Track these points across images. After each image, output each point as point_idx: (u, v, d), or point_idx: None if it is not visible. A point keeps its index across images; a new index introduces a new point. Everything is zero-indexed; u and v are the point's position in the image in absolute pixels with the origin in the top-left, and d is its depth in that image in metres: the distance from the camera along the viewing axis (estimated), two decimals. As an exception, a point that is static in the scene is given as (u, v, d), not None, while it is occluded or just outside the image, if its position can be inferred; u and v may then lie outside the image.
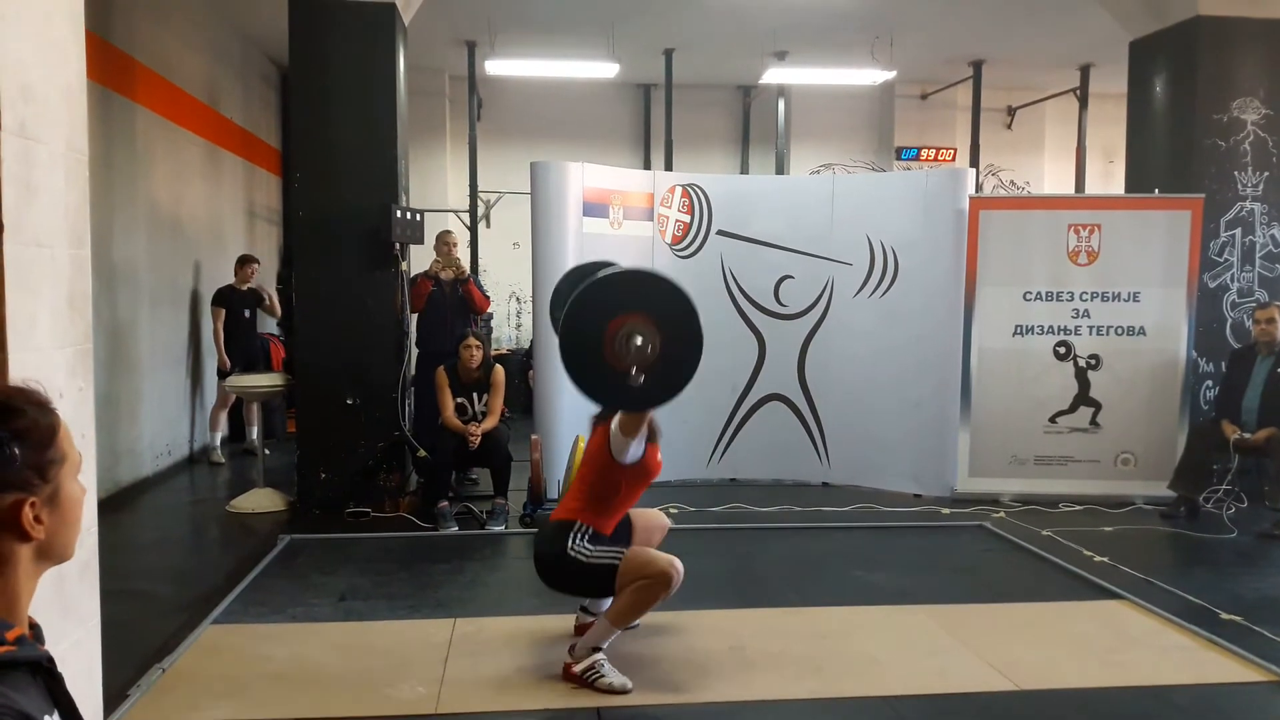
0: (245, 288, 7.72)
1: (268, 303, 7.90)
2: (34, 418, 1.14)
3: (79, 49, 2.39)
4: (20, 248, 2.09)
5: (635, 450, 3.48)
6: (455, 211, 10.30)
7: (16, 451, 1.10)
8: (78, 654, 2.35)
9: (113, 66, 6.38)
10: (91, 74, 2.46)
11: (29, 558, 1.15)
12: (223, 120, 8.63)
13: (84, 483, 1.24)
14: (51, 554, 1.18)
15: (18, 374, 2.00)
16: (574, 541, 3.47)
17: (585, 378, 3.32)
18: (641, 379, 3.22)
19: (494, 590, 4.65)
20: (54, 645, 1.26)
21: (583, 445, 4.31)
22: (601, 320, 3.25)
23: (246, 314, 7.72)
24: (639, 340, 3.20)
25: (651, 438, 3.58)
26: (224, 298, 7.64)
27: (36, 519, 1.13)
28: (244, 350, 7.65)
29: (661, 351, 3.23)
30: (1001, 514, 6.06)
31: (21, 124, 2.09)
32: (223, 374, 7.54)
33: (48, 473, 1.14)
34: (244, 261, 7.75)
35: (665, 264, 6.75)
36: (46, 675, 1.12)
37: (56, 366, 2.25)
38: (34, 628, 1.20)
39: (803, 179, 9.45)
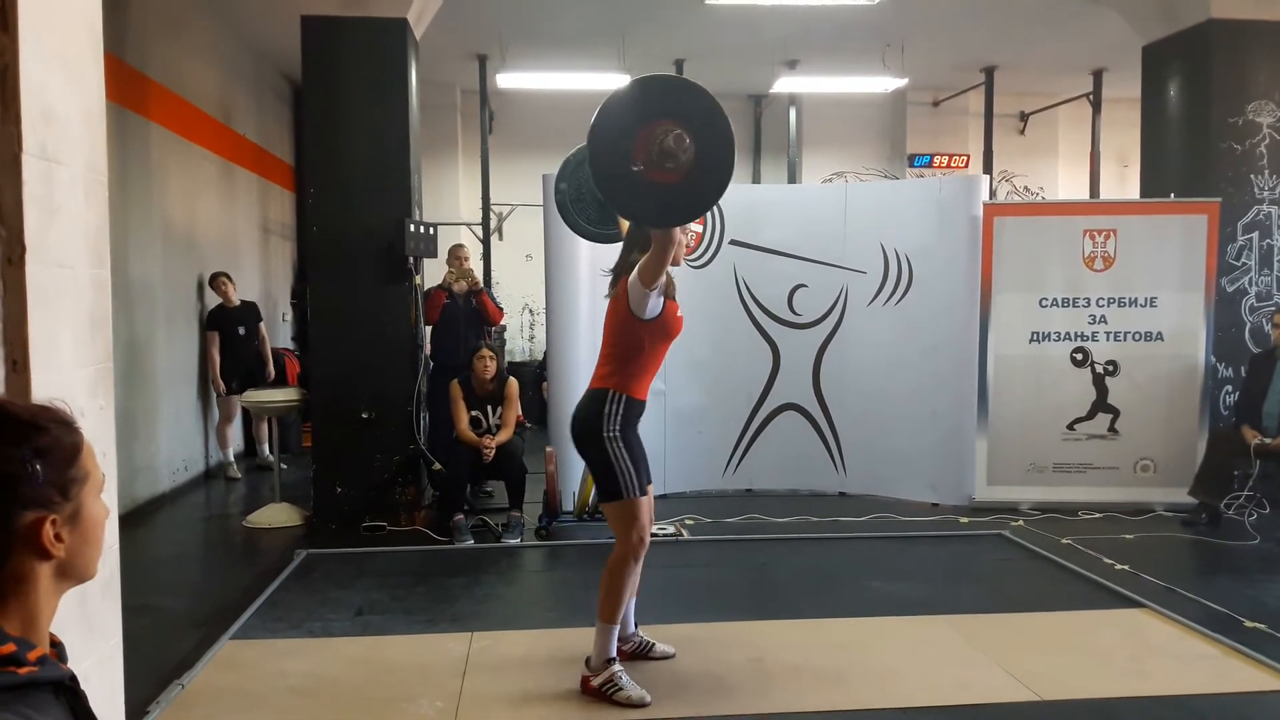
0: (238, 302, 7.69)
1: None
2: (57, 435, 1.14)
3: (98, 71, 2.41)
4: (42, 268, 2.10)
5: (654, 304, 3.45)
6: (468, 224, 10.34)
7: (39, 469, 1.10)
8: (100, 672, 2.35)
9: (127, 84, 6.44)
10: (106, 92, 2.47)
11: (49, 576, 1.15)
12: (236, 136, 8.68)
13: (107, 502, 1.24)
14: (72, 573, 1.18)
15: (40, 394, 2.00)
16: (609, 422, 3.44)
17: (619, 190, 3.23)
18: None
19: (511, 604, 4.65)
20: (77, 663, 1.26)
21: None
22: (631, 128, 3.16)
23: (241, 331, 7.68)
24: (678, 138, 3.10)
25: (669, 293, 3.55)
26: (215, 320, 7.62)
27: (57, 537, 1.12)
28: (239, 367, 7.63)
29: (696, 155, 3.15)
30: (1020, 522, 6.02)
31: (42, 146, 2.11)
32: (219, 394, 7.59)
33: (69, 491, 1.14)
34: (214, 279, 7.62)
35: (676, 275, 6.73)
36: (70, 694, 1.12)
37: (78, 385, 2.26)
38: (57, 646, 1.20)
39: (815, 187, 9.44)
